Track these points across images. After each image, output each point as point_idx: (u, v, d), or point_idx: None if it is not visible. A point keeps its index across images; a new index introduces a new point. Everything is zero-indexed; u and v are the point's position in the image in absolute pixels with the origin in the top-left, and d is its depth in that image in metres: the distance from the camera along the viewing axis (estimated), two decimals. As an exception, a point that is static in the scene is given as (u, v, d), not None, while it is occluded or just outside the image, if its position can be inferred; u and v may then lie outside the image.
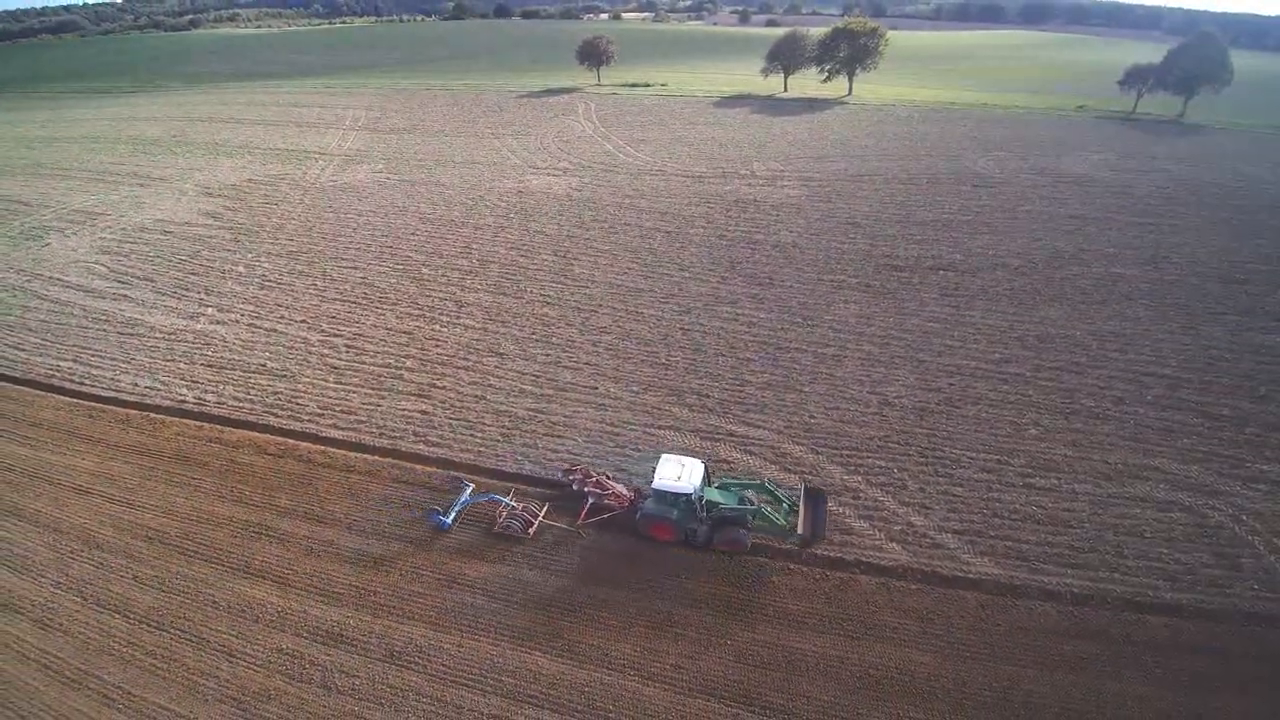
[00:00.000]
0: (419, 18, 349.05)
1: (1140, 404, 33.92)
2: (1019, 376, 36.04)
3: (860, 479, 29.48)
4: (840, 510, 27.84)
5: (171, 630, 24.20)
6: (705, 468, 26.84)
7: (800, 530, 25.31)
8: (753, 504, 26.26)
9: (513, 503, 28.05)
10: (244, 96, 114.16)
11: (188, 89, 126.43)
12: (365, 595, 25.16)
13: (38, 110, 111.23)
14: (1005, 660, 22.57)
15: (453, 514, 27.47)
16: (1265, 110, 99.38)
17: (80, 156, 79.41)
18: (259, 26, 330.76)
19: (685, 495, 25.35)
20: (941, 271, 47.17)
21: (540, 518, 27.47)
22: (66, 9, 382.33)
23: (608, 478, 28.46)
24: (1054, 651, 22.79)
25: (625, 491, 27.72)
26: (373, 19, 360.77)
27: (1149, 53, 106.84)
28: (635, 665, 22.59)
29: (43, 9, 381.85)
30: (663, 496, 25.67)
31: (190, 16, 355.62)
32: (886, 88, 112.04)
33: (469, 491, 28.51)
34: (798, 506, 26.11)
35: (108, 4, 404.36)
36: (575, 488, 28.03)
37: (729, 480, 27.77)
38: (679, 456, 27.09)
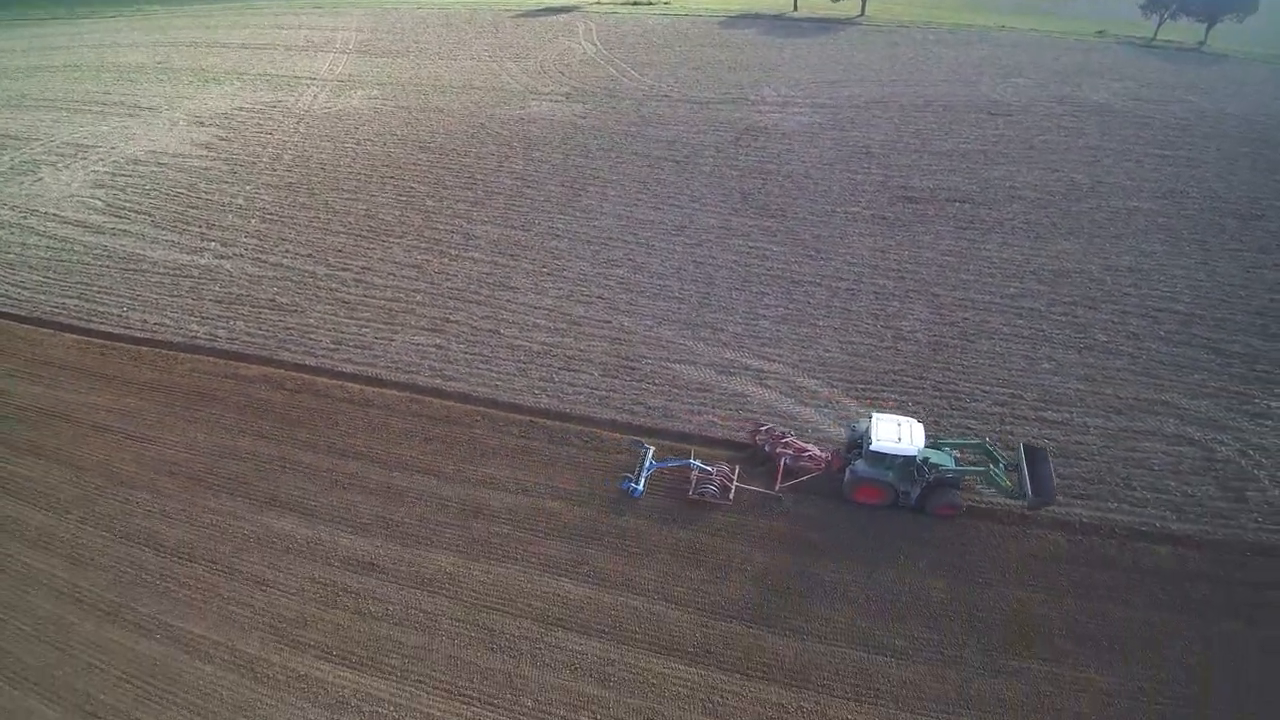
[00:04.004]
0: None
1: (1153, 339, 33.89)
2: (1034, 311, 35.87)
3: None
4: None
5: (202, 562, 24.67)
6: (924, 428, 25.45)
7: (1030, 492, 23.98)
8: (971, 464, 25.56)
9: (704, 465, 26.61)
10: (227, 19, 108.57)
11: (168, 12, 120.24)
12: (392, 526, 25.68)
13: (16, 39, 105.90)
14: (1016, 585, 23.35)
15: (643, 480, 26.21)
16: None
17: (64, 86, 75.90)
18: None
19: (908, 457, 24.25)
20: (958, 204, 46.18)
21: (735, 481, 26.26)
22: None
23: (796, 438, 27.61)
24: (1063, 578, 23.57)
25: (820, 453, 26.75)
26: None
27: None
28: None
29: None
30: (879, 458, 24.42)
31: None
32: (899, 6, 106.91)
33: (650, 455, 26.99)
34: (1019, 466, 24.81)
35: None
36: (766, 450, 27.18)
37: (943, 440, 26.73)
38: (894, 415, 25.80)
